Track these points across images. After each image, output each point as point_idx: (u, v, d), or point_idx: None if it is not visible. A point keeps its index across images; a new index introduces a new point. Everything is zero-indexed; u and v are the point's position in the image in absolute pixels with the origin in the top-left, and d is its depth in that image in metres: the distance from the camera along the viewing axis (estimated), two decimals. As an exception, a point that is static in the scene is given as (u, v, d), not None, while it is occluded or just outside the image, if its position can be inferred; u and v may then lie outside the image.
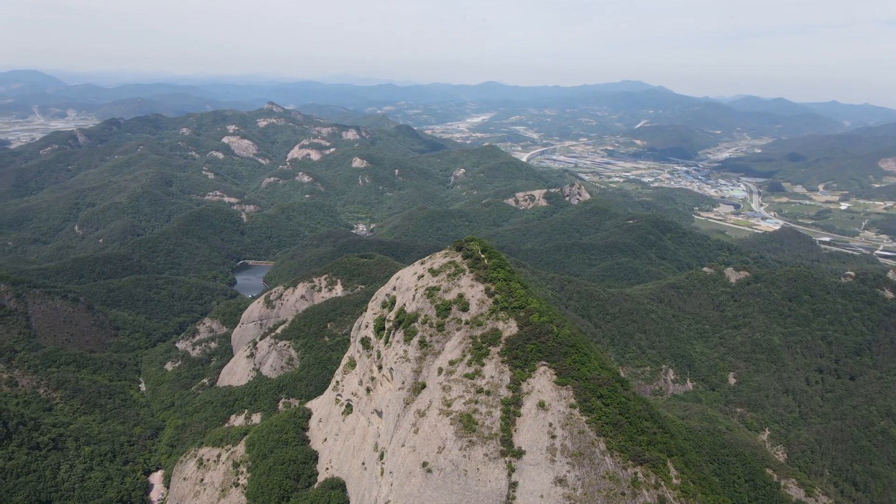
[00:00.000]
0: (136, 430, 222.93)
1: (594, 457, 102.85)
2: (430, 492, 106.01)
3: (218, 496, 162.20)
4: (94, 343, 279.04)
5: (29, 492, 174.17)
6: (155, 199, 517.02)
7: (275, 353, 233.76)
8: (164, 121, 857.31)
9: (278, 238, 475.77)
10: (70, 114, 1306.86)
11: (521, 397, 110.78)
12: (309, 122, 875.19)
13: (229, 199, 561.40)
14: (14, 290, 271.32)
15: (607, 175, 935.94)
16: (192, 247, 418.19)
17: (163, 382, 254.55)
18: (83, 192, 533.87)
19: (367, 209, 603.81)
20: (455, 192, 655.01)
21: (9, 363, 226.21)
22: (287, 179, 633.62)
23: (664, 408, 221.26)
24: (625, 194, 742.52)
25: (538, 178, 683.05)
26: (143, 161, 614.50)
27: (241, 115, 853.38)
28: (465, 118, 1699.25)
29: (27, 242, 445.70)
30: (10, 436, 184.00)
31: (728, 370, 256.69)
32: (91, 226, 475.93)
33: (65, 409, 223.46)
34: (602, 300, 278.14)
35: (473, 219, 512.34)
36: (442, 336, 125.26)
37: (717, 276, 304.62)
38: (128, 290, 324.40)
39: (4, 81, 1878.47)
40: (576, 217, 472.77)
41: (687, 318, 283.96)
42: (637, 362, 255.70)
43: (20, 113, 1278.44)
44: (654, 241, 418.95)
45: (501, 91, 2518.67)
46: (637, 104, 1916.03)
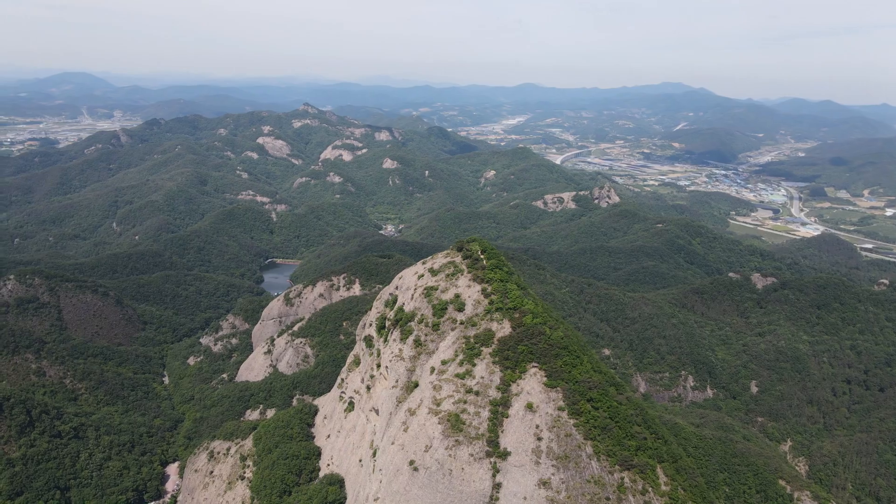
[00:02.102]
0: (155, 421, 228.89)
1: (580, 460, 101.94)
2: (415, 490, 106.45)
3: (225, 488, 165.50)
4: (121, 336, 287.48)
5: (48, 478, 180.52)
6: (189, 197, 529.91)
7: (291, 350, 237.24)
8: (202, 121, 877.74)
9: (307, 237, 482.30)
10: (116, 114, 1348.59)
11: (509, 398, 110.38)
12: (342, 124, 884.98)
13: (261, 198, 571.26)
14: (47, 284, 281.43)
15: (642, 178, 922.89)
16: (221, 244, 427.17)
17: (185, 376, 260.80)
18: (122, 191, 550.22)
19: (396, 210, 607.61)
20: (485, 193, 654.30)
21: (37, 354, 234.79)
22: (318, 180, 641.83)
23: (680, 415, 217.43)
24: (658, 198, 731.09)
25: (569, 180, 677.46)
26: (180, 160, 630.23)
27: (276, 117, 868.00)
28: (501, 120, 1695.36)
29: (67, 238, 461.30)
30: (33, 424, 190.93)
31: (750, 378, 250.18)
32: (128, 223, 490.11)
33: (89, 399, 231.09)
34: (621, 304, 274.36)
35: (501, 220, 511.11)
36: (437, 335, 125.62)
37: (743, 281, 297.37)
38: (157, 286, 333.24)
39: (56, 83, 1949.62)
40: (604, 220, 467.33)
41: (710, 324, 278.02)
42: (655, 368, 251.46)
43: (69, 114, 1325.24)
44: (683, 245, 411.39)
45: (538, 93, 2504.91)
46: (677, 106, 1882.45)
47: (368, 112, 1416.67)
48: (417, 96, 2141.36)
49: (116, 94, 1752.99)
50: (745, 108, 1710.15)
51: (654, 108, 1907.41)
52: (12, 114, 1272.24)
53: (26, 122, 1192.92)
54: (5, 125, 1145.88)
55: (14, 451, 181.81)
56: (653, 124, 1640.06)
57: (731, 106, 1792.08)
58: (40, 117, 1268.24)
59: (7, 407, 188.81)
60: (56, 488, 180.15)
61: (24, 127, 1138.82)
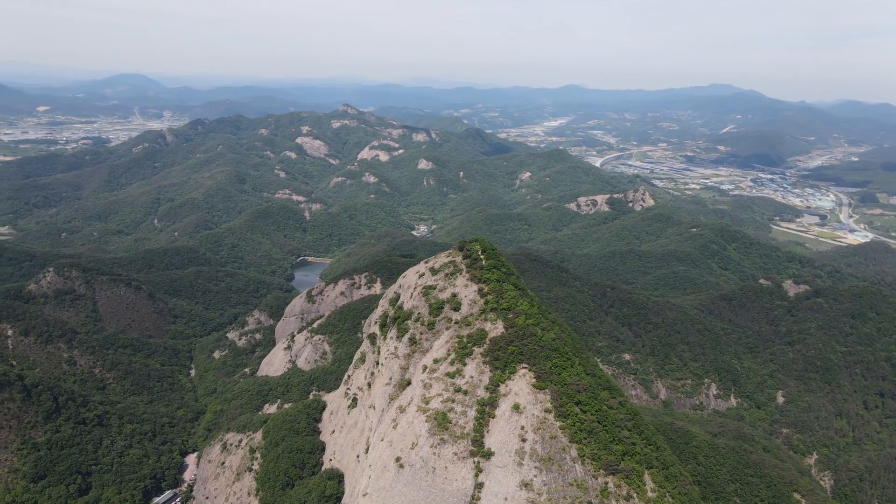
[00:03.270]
0: (178, 412, 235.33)
1: (564, 463, 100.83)
2: (400, 487, 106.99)
3: (234, 479, 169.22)
4: (153, 329, 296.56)
5: (71, 463, 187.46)
6: (228, 195, 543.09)
7: (310, 346, 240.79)
8: (244, 121, 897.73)
9: (339, 236, 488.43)
10: (166, 115, 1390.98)
11: (497, 399, 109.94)
12: (381, 124, 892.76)
13: (297, 197, 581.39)
14: (84, 277, 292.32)
15: (683, 182, 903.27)
16: (255, 242, 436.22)
17: (209, 369, 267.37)
18: (164, 188, 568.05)
19: (430, 210, 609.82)
20: (519, 195, 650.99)
21: (69, 343, 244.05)
22: (354, 180, 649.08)
23: (698, 423, 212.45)
24: (698, 202, 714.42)
25: (606, 183, 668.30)
26: (221, 160, 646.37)
27: (316, 117, 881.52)
28: (542, 122, 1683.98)
29: (110, 234, 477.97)
30: (59, 410, 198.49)
31: (777, 388, 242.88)
32: (168, 219, 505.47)
33: (116, 388, 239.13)
34: (644, 309, 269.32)
35: (532, 222, 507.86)
36: (431, 334, 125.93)
37: (774, 288, 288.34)
38: (189, 281, 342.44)
39: (111, 84, 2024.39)
40: (636, 223, 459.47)
41: (736, 332, 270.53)
42: (677, 374, 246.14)
43: (122, 114, 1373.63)
44: (717, 250, 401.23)
45: (582, 94, 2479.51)
46: (725, 108, 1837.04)
47: (409, 113, 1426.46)
48: (459, 97, 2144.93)
49: (167, 94, 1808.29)
50: (797, 111, 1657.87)
51: (701, 110, 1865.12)
52: (69, 114, 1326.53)
53: (82, 122, 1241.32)
54: (62, 125, 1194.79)
55: (40, 435, 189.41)
56: (698, 127, 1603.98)
57: (783, 108, 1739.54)
58: (95, 117, 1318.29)
59: (35, 393, 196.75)
60: (77, 473, 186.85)
61: (80, 126, 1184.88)
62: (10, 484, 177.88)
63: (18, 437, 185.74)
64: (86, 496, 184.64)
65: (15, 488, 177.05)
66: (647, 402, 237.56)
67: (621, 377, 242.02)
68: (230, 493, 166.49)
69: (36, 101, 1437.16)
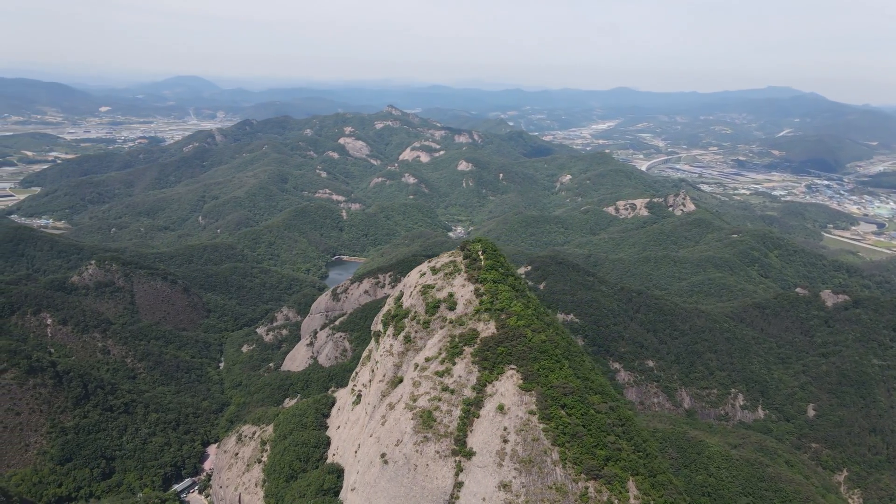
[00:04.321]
0: (203, 403, 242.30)
1: (544, 465, 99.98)
2: (383, 483, 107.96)
3: (244, 470, 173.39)
4: (186, 322, 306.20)
5: (96, 448, 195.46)
6: (270, 194, 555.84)
7: (331, 343, 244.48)
8: (291, 122, 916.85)
9: (374, 236, 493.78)
10: (219, 115, 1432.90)
11: (483, 399, 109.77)
12: (424, 125, 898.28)
13: (337, 197, 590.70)
14: (123, 270, 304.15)
15: (733, 187, 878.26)
16: (291, 240, 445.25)
17: (237, 363, 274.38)
18: (210, 186, 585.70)
19: (468, 212, 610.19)
20: (559, 198, 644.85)
21: (104, 333, 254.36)
22: (394, 180, 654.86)
23: (718, 433, 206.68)
24: (746, 207, 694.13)
25: (648, 186, 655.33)
26: (266, 159, 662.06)
27: (360, 118, 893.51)
28: (590, 124, 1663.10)
29: (156, 229, 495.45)
30: (88, 396, 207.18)
31: (808, 401, 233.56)
32: (212, 217, 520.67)
33: (146, 378, 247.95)
34: (672, 315, 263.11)
35: (569, 226, 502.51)
36: (426, 333, 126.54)
37: (811, 298, 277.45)
38: (224, 277, 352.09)
39: (170, 86, 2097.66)
40: (675, 228, 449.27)
41: (768, 342, 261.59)
42: (703, 384, 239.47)
43: (178, 114, 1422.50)
44: (758, 257, 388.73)
45: (633, 97, 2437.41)
46: (782, 112, 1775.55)
47: (455, 115, 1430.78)
48: (507, 99, 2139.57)
49: (222, 96, 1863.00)
50: (860, 114, 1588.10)
51: (757, 113, 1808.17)
52: (129, 114, 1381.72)
53: (140, 122, 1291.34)
54: (121, 125, 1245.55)
55: (68, 420, 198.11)
56: (753, 130, 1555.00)
57: (844, 112, 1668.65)
58: (152, 117, 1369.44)
59: (66, 380, 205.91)
60: (102, 457, 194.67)
61: (138, 126, 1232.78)
62: (38, 465, 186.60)
63: (48, 421, 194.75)
64: (108, 480, 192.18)
65: (42, 470, 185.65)
66: (669, 410, 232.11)
67: (643, 384, 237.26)
68: (240, 483, 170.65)
69: (99, 101, 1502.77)
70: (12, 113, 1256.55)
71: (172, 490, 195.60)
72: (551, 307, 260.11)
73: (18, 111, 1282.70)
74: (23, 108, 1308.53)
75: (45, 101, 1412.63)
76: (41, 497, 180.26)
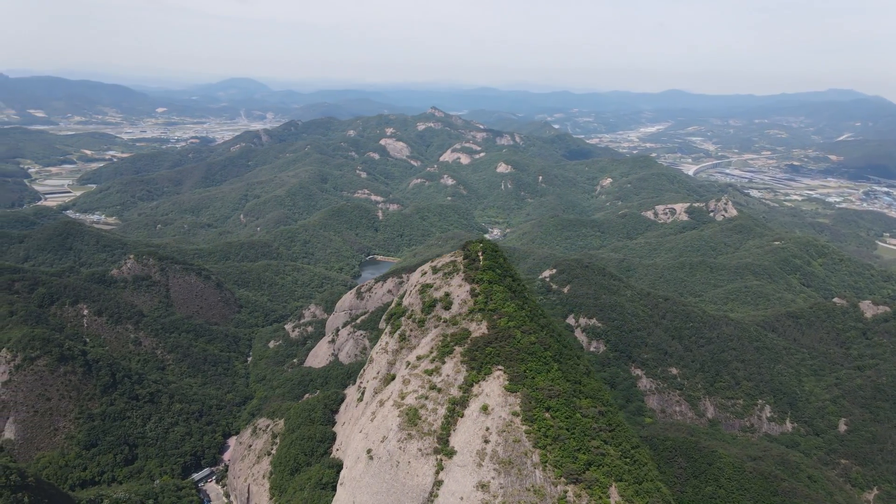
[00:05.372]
0: (228, 396, 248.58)
1: (524, 467, 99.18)
2: (367, 478, 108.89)
3: (255, 461, 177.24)
4: (218, 316, 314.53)
5: (120, 434, 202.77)
6: (309, 194, 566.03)
7: (352, 341, 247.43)
8: (335, 123, 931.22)
9: (409, 236, 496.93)
10: (269, 116, 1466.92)
11: (469, 398, 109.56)
12: (466, 127, 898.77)
13: (375, 197, 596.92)
14: (159, 265, 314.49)
15: (784, 193, 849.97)
16: (326, 239, 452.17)
17: (263, 358, 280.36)
18: (252, 185, 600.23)
19: (505, 214, 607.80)
20: (598, 201, 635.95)
21: (136, 325, 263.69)
22: (432, 181, 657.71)
23: (738, 445, 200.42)
24: (796, 214, 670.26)
25: (692, 191, 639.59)
26: (308, 159, 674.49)
27: (402, 119, 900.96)
28: (639, 127, 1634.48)
29: (199, 226, 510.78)
30: (116, 385, 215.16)
31: (839, 415, 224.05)
32: (253, 215, 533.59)
33: (175, 370, 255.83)
34: (699, 322, 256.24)
35: (606, 230, 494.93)
36: (421, 331, 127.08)
37: (849, 308, 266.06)
38: (257, 273, 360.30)
39: (224, 88, 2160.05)
40: (714, 234, 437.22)
41: (801, 352, 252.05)
42: (728, 393, 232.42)
43: (229, 115, 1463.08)
44: (800, 265, 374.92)
45: (685, 100, 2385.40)
46: (842, 115, 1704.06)
47: (500, 117, 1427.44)
48: (555, 102, 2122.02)
49: (272, 97, 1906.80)
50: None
51: (815, 116, 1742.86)
52: (183, 115, 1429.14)
53: (193, 122, 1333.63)
54: (176, 125, 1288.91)
55: (96, 407, 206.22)
56: (810, 135, 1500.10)
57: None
58: (205, 118, 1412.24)
59: (96, 368, 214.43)
60: (125, 444, 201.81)
61: (191, 126, 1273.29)
62: (65, 449, 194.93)
63: (77, 407, 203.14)
64: (131, 466, 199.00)
65: (69, 454, 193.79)
66: (691, 419, 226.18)
67: (665, 392, 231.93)
68: (249, 474, 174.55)
69: (156, 103, 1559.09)
70: (75, 113, 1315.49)
71: (191, 479, 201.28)
72: (574, 311, 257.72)
73: (81, 111, 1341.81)
74: (85, 109, 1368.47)
75: (107, 102, 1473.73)
76: (66, 480, 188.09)
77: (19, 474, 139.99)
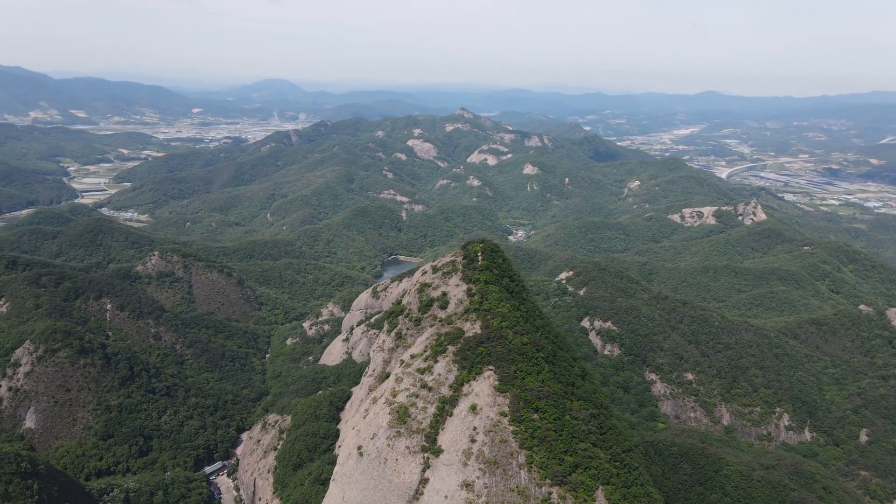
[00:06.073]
0: (243, 391, 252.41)
1: (509, 468, 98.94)
2: (357, 474, 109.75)
3: (262, 456, 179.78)
4: (238, 313, 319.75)
5: (135, 426, 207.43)
6: (335, 194, 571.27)
7: (365, 339, 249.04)
8: (364, 124, 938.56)
9: (432, 237, 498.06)
10: (301, 117, 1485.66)
11: (458, 397, 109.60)
12: (494, 128, 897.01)
13: (401, 197, 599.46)
14: (183, 262, 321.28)
15: (820, 197, 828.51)
16: (349, 238, 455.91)
17: (280, 355, 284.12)
18: (280, 185, 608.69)
19: (530, 216, 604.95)
20: (625, 204, 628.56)
21: (157, 320, 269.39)
22: (458, 182, 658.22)
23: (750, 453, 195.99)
24: (832, 219, 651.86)
25: (722, 195, 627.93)
26: (335, 160, 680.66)
27: (431, 120, 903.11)
28: (672, 129, 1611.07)
29: (226, 225, 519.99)
30: (133, 378, 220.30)
31: (861, 426, 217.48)
32: (279, 214, 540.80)
33: (193, 364, 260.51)
34: (717, 328, 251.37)
35: (630, 232, 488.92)
36: (417, 330, 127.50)
37: (876, 316, 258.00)
38: (279, 271, 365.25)
39: (258, 89, 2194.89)
40: (742, 238, 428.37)
41: (823, 360, 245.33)
42: (745, 400, 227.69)
43: (262, 116, 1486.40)
44: (829, 272, 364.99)
45: (721, 101, 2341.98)
46: (886, 118, 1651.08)
47: (531, 118, 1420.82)
48: (587, 104, 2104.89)
49: (305, 98, 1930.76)
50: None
51: (857, 119, 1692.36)
52: (218, 115, 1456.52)
53: (227, 123, 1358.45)
54: (210, 125, 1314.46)
55: (113, 399, 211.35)
56: (851, 138, 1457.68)
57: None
58: (239, 119, 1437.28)
59: (114, 361, 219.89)
60: (140, 436, 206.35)
61: (225, 127, 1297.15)
62: (82, 439, 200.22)
63: (95, 399, 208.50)
64: (145, 457, 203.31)
65: (86, 443, 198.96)
66: (706, 426, 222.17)
67: (680, 398, 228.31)
68: (256, 468, 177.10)
69: (193, 103, 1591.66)
70: (115, 113, 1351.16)
71: (202, 471, 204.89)
72: (589, 314, 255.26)
73: (120, 112, 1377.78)
74: (124, 109, 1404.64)
75: (145, 102, 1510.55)
76: (83, 469, 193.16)
77: (30, 462, 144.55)
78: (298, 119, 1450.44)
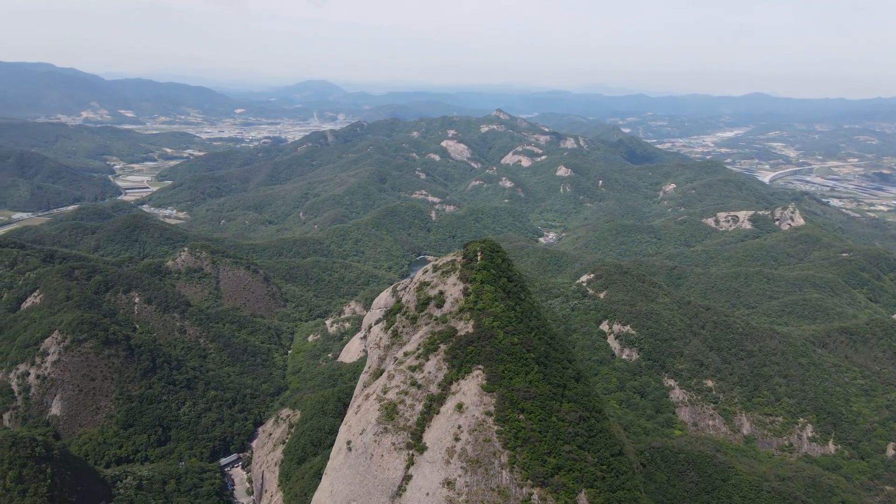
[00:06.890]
0: (263, 386, 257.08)
1: (491, 467, 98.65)
2: (345, 469, 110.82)
3: (271, 449, 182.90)
4: (264, 309, 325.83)
5: (155, 417, 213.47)
6: (367, 194, 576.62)
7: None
8: (399, 124, 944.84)
9: (461, 237, 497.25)
10: (340, 117, 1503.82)
11: (446, 396, 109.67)
12: (530, 130, 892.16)
13: (433, 198, 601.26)
14: (211, 258, 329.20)
15: (869, 202, 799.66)
16: (378, 238, 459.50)
17: (301, 351, 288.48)
18: (314, 184, 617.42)
19: (562, 218, 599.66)
20: (660, 207, 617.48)
21: (182, 314, 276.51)
22: (491, 183, 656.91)
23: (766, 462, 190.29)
24: (878, 225, 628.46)
25: (761, 199, 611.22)
26: (369, 160, 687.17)
27: (466, 121, 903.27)
28: (716, 132, 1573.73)
29: (259, 223, 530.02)
30: (155, 370, 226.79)
31: (888, 439, 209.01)
32: (311, 213, 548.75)
33: (216, 358, 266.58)
34: (740, 334, 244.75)
35: (662, 236, 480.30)
36: (412, 329, 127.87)
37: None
38: (305, 270, 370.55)
39: (300, 90, 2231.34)
40: (777, 244, 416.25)
41: (852, 371, 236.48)
42: (766, 409, 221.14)
43: (302, 116, 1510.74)
44: (868, 279, 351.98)
45: (768, 103, 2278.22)
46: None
47: (570, 120, 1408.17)
48: (629, 105, 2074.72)
49: (345, 99, 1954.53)
50: None
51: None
52: (259, 116, 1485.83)
53: (268, 123, 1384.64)
54: (252, 125, 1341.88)
55: (135, 389, 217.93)
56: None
57: None
58: (280, 119, 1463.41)
59: (137, 353, 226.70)
60: (159, 426, 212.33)
61: (265, 127, 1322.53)
62: (104, 427, 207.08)
63: (117, 388, 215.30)
64: (163, 447, 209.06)
65: (108, 432, 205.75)
66: (725, 435, 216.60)
67: (699, 405, 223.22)
68: (264, 461, 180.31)
69: (236, 104, 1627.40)
70: (161, 114, 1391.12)
71: (217, 462, 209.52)
72: (608, 317, 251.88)
73: (166, 112, 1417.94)
74: (170, 110, 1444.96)
75: (190, 102, 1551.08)
76: (104, 456, 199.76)
77: (45, 447, 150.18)
78: (337, 119, 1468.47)
